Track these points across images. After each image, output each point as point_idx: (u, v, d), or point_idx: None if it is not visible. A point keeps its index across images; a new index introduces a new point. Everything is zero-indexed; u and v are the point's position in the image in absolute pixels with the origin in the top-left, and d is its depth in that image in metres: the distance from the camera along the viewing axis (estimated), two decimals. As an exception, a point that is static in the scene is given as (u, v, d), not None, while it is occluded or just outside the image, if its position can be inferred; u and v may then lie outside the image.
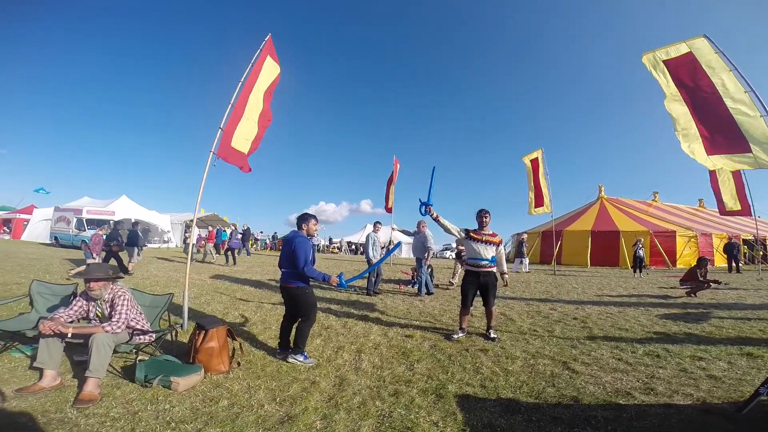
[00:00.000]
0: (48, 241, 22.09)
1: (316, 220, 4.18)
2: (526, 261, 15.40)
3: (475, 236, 4.84)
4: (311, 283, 4.01)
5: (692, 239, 18.39)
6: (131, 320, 3.40)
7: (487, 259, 4.79)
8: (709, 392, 3.12)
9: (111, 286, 3.45)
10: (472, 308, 5.04)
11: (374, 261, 8.39)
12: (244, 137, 5.63)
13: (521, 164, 16.40)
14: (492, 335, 4.81)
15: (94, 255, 9.78)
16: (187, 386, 2.99)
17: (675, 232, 18.56)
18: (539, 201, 15.58)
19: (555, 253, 16.75)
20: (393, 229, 15.51)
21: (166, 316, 4.28)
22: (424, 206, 4.74)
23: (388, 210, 13.55)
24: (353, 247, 35.30)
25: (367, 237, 8.86)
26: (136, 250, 11.47)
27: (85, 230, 18.65)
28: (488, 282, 4.81)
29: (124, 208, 22.67)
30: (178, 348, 3.83)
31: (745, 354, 4.15)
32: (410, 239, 29.65)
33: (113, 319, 3.25)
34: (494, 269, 4.89)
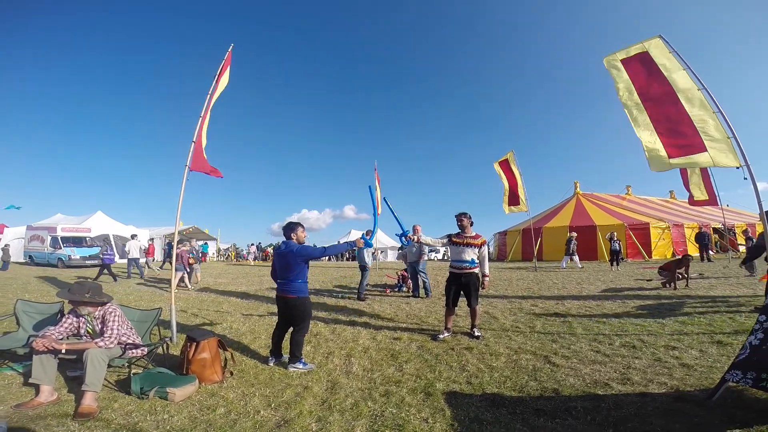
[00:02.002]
0: (22, 260, 21.38)
1: (303, 227, 4.26)
2: (576, 258, 15.52)
3: (456, 240, 5.05)
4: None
5: (665, 230, 19.12)
6: (122, 335, 3.44)
7: (467, 261, 4.97)
8: (682, 380, 3.31)
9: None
10: (456, 308, 5.21)
11: (369, 265, 8.60)
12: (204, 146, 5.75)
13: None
14: (476, 333, 4.99)
15: (186, 268, 10.87)
16: (184, 396, 3.06)
17: (648, 224, 19.25)
18: (513, 200, 15.98)
19: (535, 251, 17.16)
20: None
21: (155, 330, 4.30)
22: (403, 236, 5.02)
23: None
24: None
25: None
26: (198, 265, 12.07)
27: (61, 248, 18.10)
28: (469, 282, 4.98)
29: (101, 224, 22.18)
30: (170, 360, 3.87)
31: (715, 342, 4.38)
32: (395, 243, 29.95)
33: (105, 335, 3.29)
34: (476, 270, 5.05)
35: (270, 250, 31.86)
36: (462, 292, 5.06)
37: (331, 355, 4.31)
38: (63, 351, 3.08)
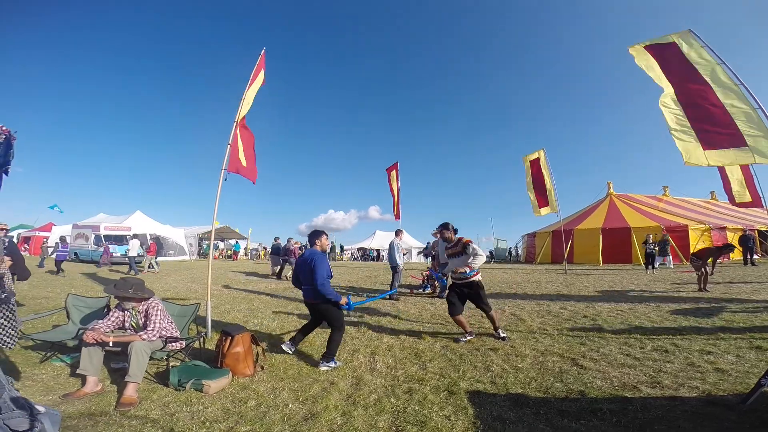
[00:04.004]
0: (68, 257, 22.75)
1: (327, 235, 4.45)
2: (670, 258, 15.11)
3: (447, 253, 5.10)
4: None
5: (705, 233, 18.19)
6: (164, 329, 3.65)
7: (462, 271, 4.84)
8: (715, 385, 3.21)
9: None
10: (463, 312, 5.00)
11: (400, 266, 8.71)
12: (245, 150, 5.92)
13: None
14: (501, 334, 4.93)
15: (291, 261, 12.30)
16: (218, 389, 3.22)
17: (687, 226, 18.38)
18: (542, 201, 15.62)
19: (566, 253, 16.73)
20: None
21: (192, 324, 4.54)
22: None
23: (396, 217, 13.60)
24: (365, 253, 35.69)
25: (391, 244, 9.09)
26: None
27: (103, 245, 19.19)
28: (471, 292, 4.88)
29: (140, 223, 23.32)
30: (205, 354, 4.08)
31: (754, 347, 4.20)
32: (420, 244, 29.90)
33: (148, 328, 3.50)
34: (475, 278, 4.88)
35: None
36: (471, 303, 4.98)
37: (357, 352, 4.41)
38: (110, 344, 3.31)
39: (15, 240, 26.79)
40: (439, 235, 5.16)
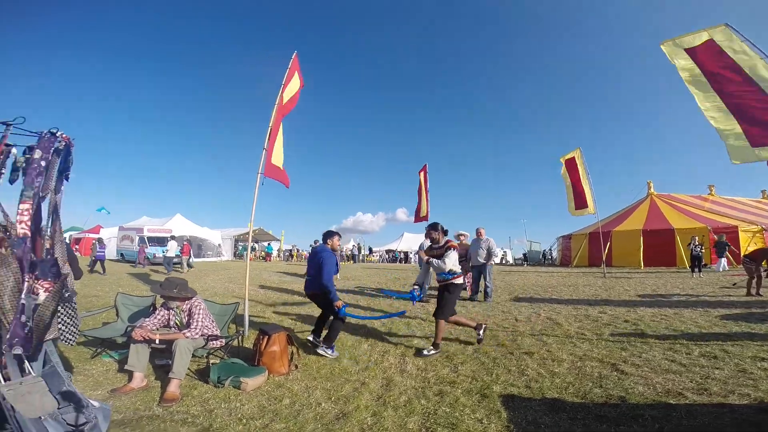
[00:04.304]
0: (115, 257, 24.21)
1: (340, 236, 4.90)
2: (724, 261, 14.45)
3: (430, 254, 4.82)
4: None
5: (758, 234, 16.97)
6: (205, 327, 3.81)
7: (442, 274, 4.63)
8: (768, 392, 3.02)
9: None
10: (455, 312, 4.83)
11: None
12: (279, 154, 6.02)
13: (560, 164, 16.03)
14: (426, 352, 4.39)
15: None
16: (254, 386, 3.33)
17: (737, 227, 17.22)
18: (580, 202, 15.10)
19: (604, 255, 16.07)
20: (464, 235, 13.66)
21: (230, 323, 4.71)
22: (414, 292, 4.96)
23: (421, 219, 13.27)
24: (393, 255, 35.78)
25: (420, 245, 8.84)
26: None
27: (147, 247, 20.27)
28: (441, 292, 4.67)
29: (180, 226, 24.47)
30: (243, 352, 4.23)
31: (814, 354, 3.90)
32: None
33: (192, 327, 3.67)
34: (456, 281, 4.64)
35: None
36: None
37: (387, 353, 4.43)
38: (157, 341, 3.49)
39: (67, 241, 28.85)
40: (428, 236, 5.02)
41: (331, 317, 4.47)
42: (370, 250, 39.05)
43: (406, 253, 35.32)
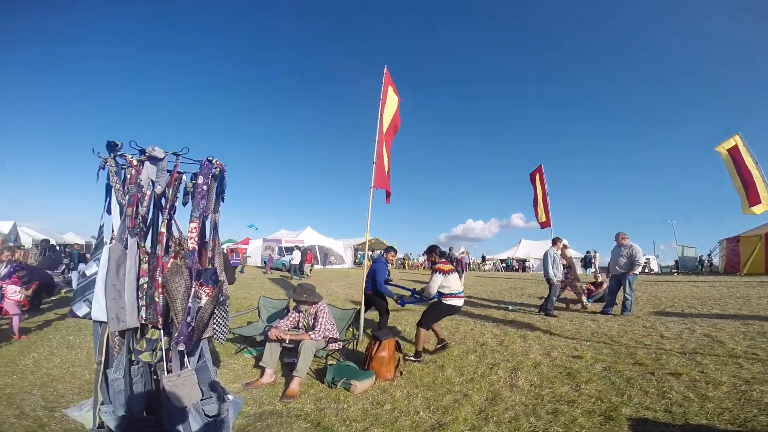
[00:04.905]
0: (259, 265, 28.31)
1: (395, 252, 6.07)
2: None
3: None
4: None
5: None
6: (327, 330, 4.16)
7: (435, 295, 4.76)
8: None
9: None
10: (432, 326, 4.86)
11: (554, 280, 7.68)
12: (385, 168, 6.21)
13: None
14: (412, 357, 4.57)
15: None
16: (362, 390, 3.54)
17: None
18: (754, 197, 11.98)
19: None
20: (565, 246, 11.66)
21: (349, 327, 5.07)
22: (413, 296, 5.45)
23: (543, 225, 12.07)
24: (508, 264, 33.70)
25: (546, 254, 8.04)
26: None
27: (284, 255, 23.24)
28: (432, 304, 4.87)
29: (310, 237, 27.66)
30: (356, 355, 4.52)
31: None
32: (578, 254, 26.33)
33: (316, 329, 4.07)
34: (445, 300, 4.68)
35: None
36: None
37: (496, 366, 4.21)
38: (287, 341, 3.96)
39: (225, 251, 34.79)
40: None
41: (379, 315, 5.46)
42: (483, 258, 37.43)
43: (524, 261, 32.94)
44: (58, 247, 20.59)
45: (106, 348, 2.05)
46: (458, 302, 4.72)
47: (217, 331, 2.26)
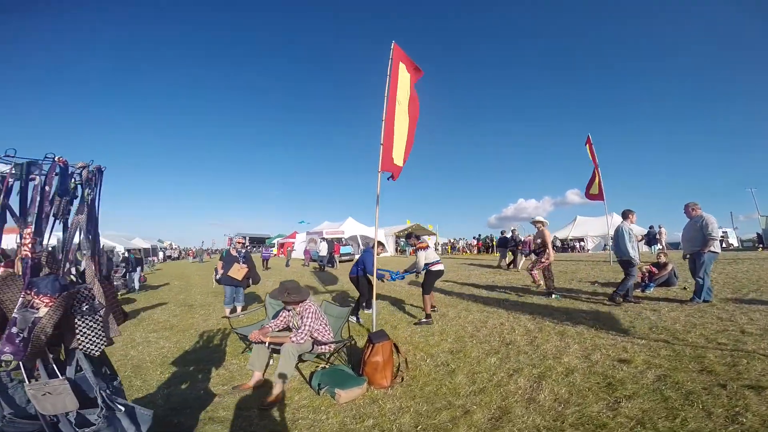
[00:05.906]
0: (302, 258, 29.01)
1: (384, 246, 7.30)
2: None
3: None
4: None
5: None
6: (314, 331, 3.79)
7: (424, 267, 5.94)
8: None
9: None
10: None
11: (635, 258, 6.30)
12: (399, 150, 5.68)
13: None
14: (423, 320, 5.65)
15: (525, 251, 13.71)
16: (348, 399, 3.10)
17: None
18: None
19: None
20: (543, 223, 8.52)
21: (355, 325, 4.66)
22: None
23: (594, 198, 11.07)
24: (563, 244, 31.03)
25: (619, 229, 6.56)
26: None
27: (310, 249, 23.95)
28: (426, 275, 5.95)
29: (351, 227, 27.91)
30: (356, 358, 4.05)
31: None
32: (640, 229, 23.53)
33: (299, 331, 3.72)
34: (432, 267, 5.89)
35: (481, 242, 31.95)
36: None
37: (518, 373, 3.50)
38: (266, 344, 3.63)
39: (274, 245, 36.16)
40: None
41: (360, 294, 6.45)
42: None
43: (580, 240, 29.36)
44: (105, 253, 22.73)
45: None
46: (441, 267, 5.93)
47: (83, 342, 2.06)
